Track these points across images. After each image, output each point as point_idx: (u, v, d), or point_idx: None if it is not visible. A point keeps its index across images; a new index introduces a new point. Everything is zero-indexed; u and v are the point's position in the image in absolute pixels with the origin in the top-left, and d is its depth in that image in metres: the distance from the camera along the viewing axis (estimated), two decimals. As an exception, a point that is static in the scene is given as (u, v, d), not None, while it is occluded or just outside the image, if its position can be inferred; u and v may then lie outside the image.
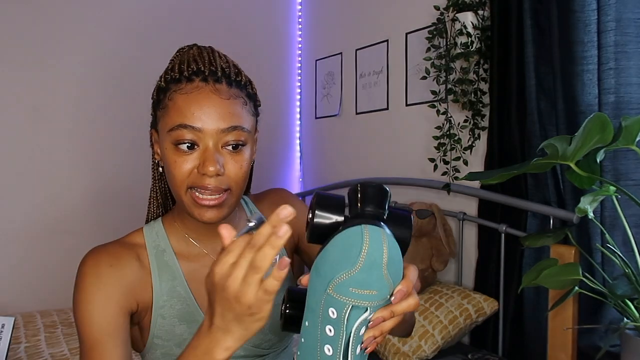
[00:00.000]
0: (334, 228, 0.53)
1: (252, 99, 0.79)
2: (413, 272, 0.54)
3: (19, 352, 1.73)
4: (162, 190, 0.87)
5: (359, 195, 0.54)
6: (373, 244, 0.48)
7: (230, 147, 0.74)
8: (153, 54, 2.60)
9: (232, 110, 0.73)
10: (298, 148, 3.15)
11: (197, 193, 0.73)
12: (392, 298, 0.51)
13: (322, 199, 0.55)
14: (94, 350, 0.71)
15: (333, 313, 0.50)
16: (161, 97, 0.76)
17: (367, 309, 0.50)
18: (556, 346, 1.51)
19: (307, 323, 0.53)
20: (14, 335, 1.81)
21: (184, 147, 0.72)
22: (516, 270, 1.76)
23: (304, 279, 0.54)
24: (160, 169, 0.82)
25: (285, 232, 0.53)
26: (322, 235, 0.53)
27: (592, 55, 1.52)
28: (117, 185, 2.55)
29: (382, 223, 0.52)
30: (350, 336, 0.50)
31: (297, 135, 3.15)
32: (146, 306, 0.79)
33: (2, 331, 1.28)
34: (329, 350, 0.51)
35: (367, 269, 0.48)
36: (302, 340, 0.54)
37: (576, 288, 1.29)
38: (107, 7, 2.51)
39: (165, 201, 0.89)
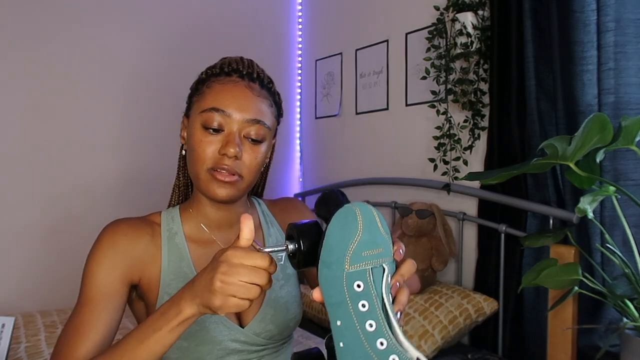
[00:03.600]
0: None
1: (277, 107, 0.89)
2: (399, 242, 0.60)
3: (19, 352, 1.73)
4: (184, 180, 0.95)
5: (328, 200, 0.60)
6: (362, 208, 0.55)
7: (250, 140, 0.82)
8: (154, 53, 2.61)
9: (259, 106, 0.83)
10: (298, 148, 3.15)
11: (214, 172, 0.81)
12: (394, 254, 0.56)
13: (301, 228, 0.59)
14: (86, 306, 0.78)
15: (359, 286, 0.53)
16: (200, 86, 0.85)
17: (383, 268, 0.54)
18: (556, 346, 1.51)
19: (338, 322, 0.53)
20: (14, 335, 1.81)
21: (211, 129, 0.80)
22: (516, 270, 1.76)
23: (316, 294, 0.57)
24: (184, 152, 0.89)
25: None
26: (313, 258, 0.58)
27: (591, 56, 1.52)
28: (116, 187, 2.55)
29: None
30: (383, 301, 0.53)
31: (297, 135, 3.15)
32: (152, 282, 0.84)
33: (2, 331, 1.28)
34: (371, 325, 0.51)
35: (367, 228, 0.54)
36: (341, 344, 0.53)
37: (576, 288, 1.29)
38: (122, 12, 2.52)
39: (186, 190, 0.95)
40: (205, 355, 0.83)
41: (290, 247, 0.59)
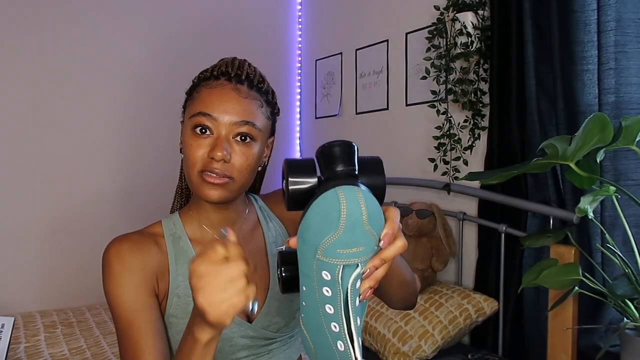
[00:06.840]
0: (310, 192, 0.54)
1: (271, 106, 0.89)
2: (394, 213, 0.56)
3: (19, 352, 1.73)
4: (185, 186, 0.97)
5: (328, 156, 0.55)
6: (350, 204, 0.49)
7: (239, 138, 0.82)
8: (155, 54, 2.61)
9: (247, 107, 0.83)
10: (298, 148, 3.15)
11: (205, 174, 0.82)
12: (381, 243, 0.53)
13: (293, 165, 0.55)
14: (130, 328, 0.79)
15: (326, 275, 0.52)
16: (192, 92, 0.87)
17: (357, 265, 0.52)
18: (556, 346, 1.51)
19: (304, 288, 0.56)
20: (13, 335, 1.81)
21: (200, 132, 0.82)
22: (516, 270, 1.76)
23: (292, 241, 0.57)
24: (181, 157, 0.90)
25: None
26: (300, 201, 0.54)
27: (592, 55, 1.52)
28: (118, 187, 2.55)
29: (355, 180, 0.53)
30: (347, 293, 0.52)
31: (297, 135, 3.15)
32: (164, 288, 0.86)
33: (2, 331, 1.28)
34: (330, 309, 0.53)
35: (350, 229, 0.49)
36: (304, 303, 0.56)
37: (576, 288, 1.29)
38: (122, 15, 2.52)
39: (188, 194, 0.98)
40: (216, 353, 0.84)
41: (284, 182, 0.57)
